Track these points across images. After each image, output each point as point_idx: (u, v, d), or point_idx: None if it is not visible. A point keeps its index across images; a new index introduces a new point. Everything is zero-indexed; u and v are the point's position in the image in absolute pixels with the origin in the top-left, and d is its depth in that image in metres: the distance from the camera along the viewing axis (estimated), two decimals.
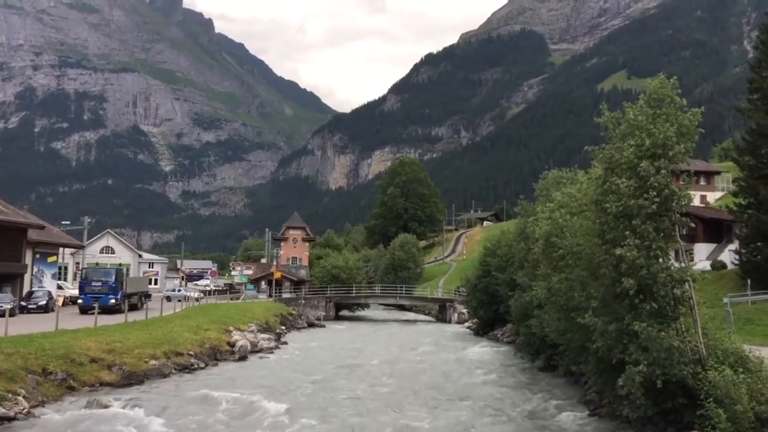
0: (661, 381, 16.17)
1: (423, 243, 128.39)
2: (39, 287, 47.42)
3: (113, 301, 42.18)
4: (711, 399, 14.79)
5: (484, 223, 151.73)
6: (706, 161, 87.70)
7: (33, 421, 19.16)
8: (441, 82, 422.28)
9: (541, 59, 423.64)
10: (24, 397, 20.21)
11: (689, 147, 17.68)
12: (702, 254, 48.88)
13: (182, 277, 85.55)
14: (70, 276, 70.28)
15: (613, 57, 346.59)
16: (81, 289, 44.11)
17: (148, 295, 53.12)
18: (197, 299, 71.54)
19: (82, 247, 64.48)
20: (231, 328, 40.62)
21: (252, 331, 42.36)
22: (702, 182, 70.82)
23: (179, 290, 78.16)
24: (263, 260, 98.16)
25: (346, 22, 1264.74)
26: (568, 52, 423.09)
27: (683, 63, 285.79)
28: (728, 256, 45.13)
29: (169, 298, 70.26)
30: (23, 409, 19.46)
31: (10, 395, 19.75)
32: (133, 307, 45.05)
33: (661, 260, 17.16)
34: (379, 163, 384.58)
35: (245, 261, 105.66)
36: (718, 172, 74.53)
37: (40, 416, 19.63)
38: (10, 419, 18.75)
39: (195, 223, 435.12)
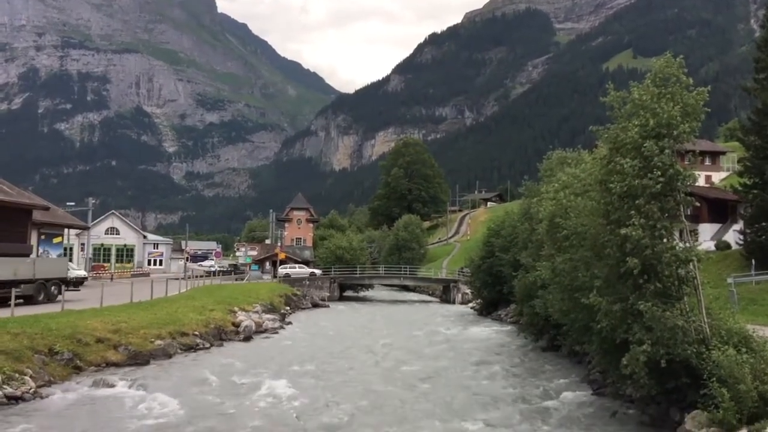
0: (664, 360, 16.16)
1: (427, 224, 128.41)
2: None
3: None
4: (714, 378, 14.80)
5: (488, 203, 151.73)
6: (711, 141, 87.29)
7: (40, 400, 19.30)
8: (445, 62, 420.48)
9: (546, 38, 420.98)
10: (31, 376, 20.33)
11: (694, 126, 17.50)
12: (706, 234, 48.84)
13: (186, 258, 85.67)
14: (75, 257, 70.68)
15: (618, 36, 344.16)
16: None
17: (67, 283, 39.13)
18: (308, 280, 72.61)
19: (87, 228, 64.72)
20: (236, 308, 40.72)
21: (257, 312, 42.48)
22: (707, 162, 70.54)
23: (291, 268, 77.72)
24: (267, 241, 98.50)
25: (349, 2, 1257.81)
26: (574, 31, 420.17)
27: (689, 42, 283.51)
28: (733, 236, 45.08)
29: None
30: (30, 389, 19.58)
31: (17, 375, 19.88)
32: (28, 300, 33.99)
33: (665, 240, 17.07)
34: (382, 143, 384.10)
35: (249, 242, 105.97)
36: (723, 152, 74.18)
37: (47, 396, 19.77)
38: (17, 399, 18.88)
39: (199, 204, 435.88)
